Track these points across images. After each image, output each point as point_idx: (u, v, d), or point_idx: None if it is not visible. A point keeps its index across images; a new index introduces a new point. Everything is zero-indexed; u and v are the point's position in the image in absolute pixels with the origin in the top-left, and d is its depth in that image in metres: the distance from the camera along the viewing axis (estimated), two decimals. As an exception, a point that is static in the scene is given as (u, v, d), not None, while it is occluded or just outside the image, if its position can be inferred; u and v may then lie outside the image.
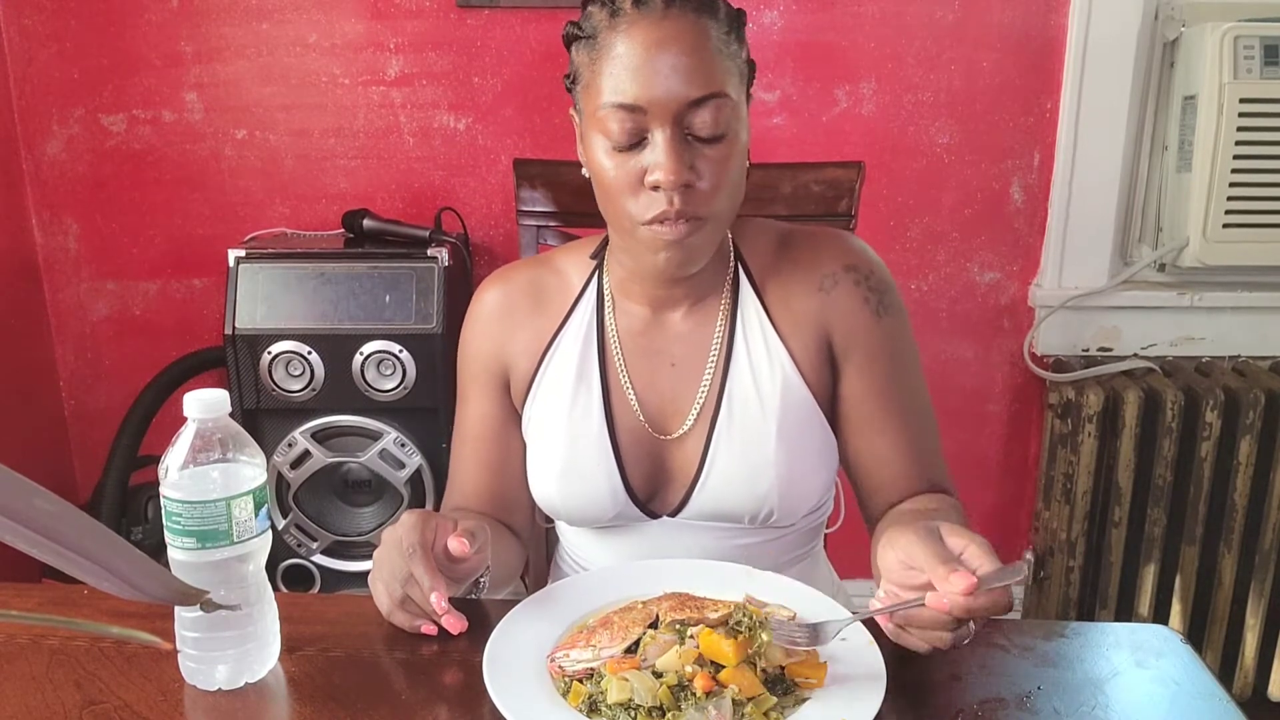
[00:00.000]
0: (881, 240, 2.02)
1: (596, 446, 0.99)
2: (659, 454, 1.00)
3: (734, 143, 0.88)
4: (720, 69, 0.86)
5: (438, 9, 1.92)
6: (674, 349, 1.00)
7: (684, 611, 0.79)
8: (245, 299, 1.72)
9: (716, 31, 0.87)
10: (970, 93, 1.95)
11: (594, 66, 0.88)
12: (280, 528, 1.80)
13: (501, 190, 2.01)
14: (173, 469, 0.74)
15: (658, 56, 0.84)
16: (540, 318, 1.03)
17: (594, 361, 1.01)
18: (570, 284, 1.04)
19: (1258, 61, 1.76)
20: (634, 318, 1.01)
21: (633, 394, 1.00)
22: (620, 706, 0.70)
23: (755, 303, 0.99)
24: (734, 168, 0.89)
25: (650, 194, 0.87)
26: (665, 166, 0.85)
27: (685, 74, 0.84)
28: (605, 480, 0.99)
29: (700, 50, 0.85)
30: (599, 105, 0.87)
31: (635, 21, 0.85)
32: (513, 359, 1.04)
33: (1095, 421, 1.90)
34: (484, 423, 1.06)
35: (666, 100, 0.84)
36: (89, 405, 2.15)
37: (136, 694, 0.75)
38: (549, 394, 1.02)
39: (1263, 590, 1.92)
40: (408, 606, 0.82)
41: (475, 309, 1.06)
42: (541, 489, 1.02)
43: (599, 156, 0.89)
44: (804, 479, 0.98)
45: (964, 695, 0.75)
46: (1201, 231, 1.84)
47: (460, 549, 0.80)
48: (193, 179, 2.02)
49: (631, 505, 1.00)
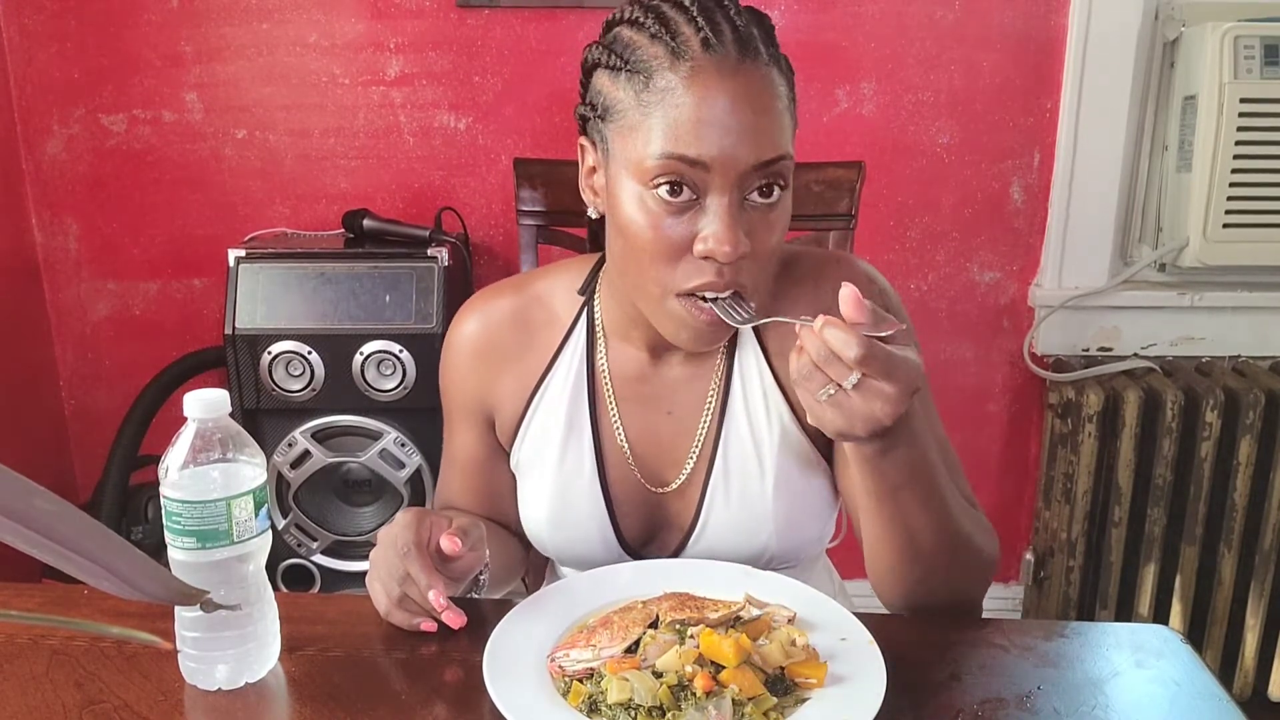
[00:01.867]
0: (881, 240, 2.02)
1: (588, 497, 0.95)
2: (653, 505, 0.97)
3: (786, 208, 0.82)
4: (786, 128, 0.80)
5: (438, 9, 1.92)
6: (671, 396, 0.95)
7: (684, 611, 0.79)
8: (245, 299, 1.72)
9: (783, 86, 0.81)
10: (970, 93, 1.95)
11: (643, 109, 0.78)
12: (280, 528, 1.80)
13: (501, 190, 2.01)
14: (173, 469, 0.74)
15: (730, 111, 0.76)
16: (525, 357, 0.97)
17: (584, 408, 0.95)
18: (557, 319, 0.97)
19: (1258, 61, 1.76)
20: (629, 361, 0.95)
21: (626, 443, 0.95)
22: (620, 706, 0.70)
23: (755, 348, 0.94)
24: (782, 235, 0.83)
25: (695, 261, 0.79)
26: (723, 237, 0.77)
27: (756, 134, 0.77)
28: (597, 531, 0.96)
29: (772, 109, 0.78)
30: (648, 153, 0.78)
31: (704, 68, 0.77)
32: (498, 401, 0.99)
33: (1095, 421, 1.90)
34: (470, 455, 1.03)
35: (733, 160, 0.76)
36: (89, 405, 2.15)
37: (136, 694, 0.75)
38: (537, 440, 0.97)
39: (1263, 590, 1.92)
40: (406, 605, 0.82)
41: (455, 340, 1.00)
42: (533, 531, 1.00)
43: (633, 210, 0.80)
44: (803, 526, 0.96)
45: (964, 695, 0.75)
46: (1201, 231, 1.84)
47: (451, 547, 0.80)
48: (193, 179, 2.02)
49: (624, 555, 0.97)
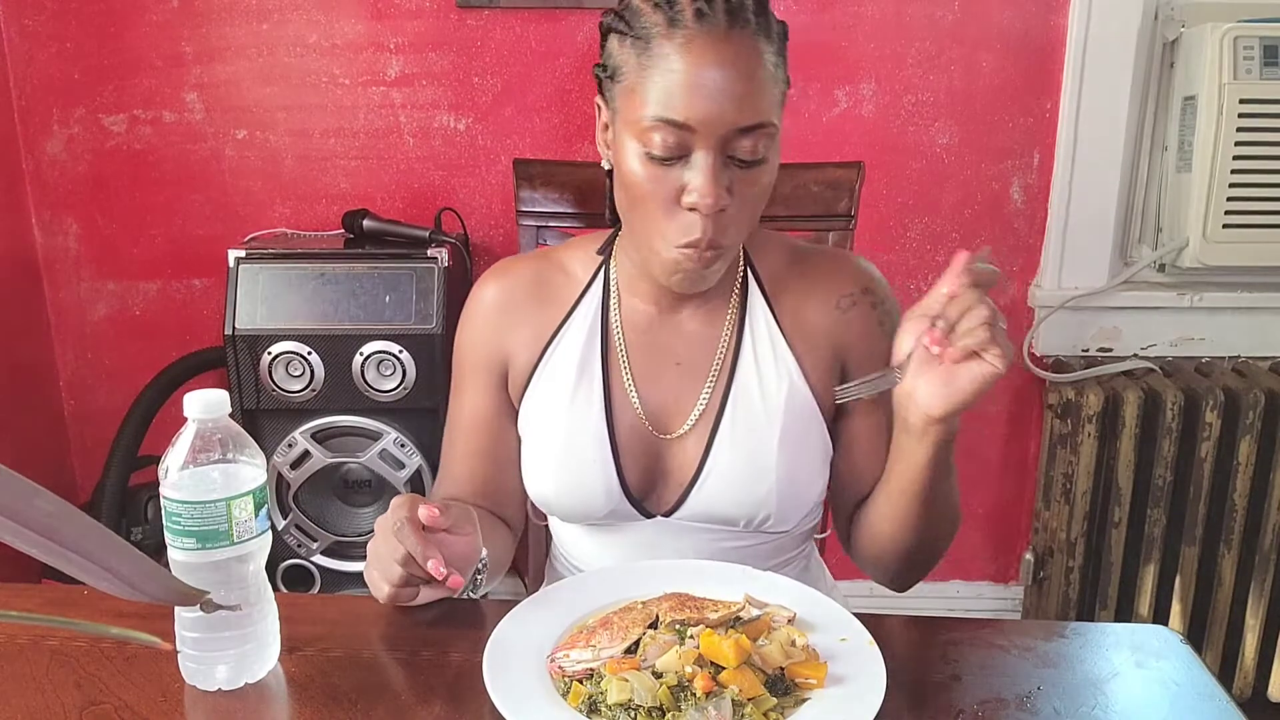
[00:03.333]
0: (881, 240, 2.02)
1: (594, 441, 0.99)
2: (657, 452, 1.00)
3: (769, 169, 0.88)
4: (770, 96, 0.85)
5: (438, 9, 1.92)
6: (679, 348, 1.00)
7: (684, 612, 0.79)
8: (245, 299, 1.72)
9: (770, 56, 0.85)
10: (970, 93, 1.95)
11: (642, 72, 0.85)
12: (280, 528, 1.80)
13: (501, 190, 2.01)
14: (173, 469, 0.74)
15: (715, 77, 0.82)
16: (543, 312, 1.02)
17: (597, 356, 1.00)
18: (575, 278, 1.03)
19: (1257, 62, 1.76)
20: (640, 314, 1.01)
21: (634, 391, 1.00)
22: (620, 707, 0.70)
23: (765, 310, 0.99)
24: (764, 192, 0.89)
25: (683, 215, 0.86)
26: (705, 190, 0.84)
27: (739, 99, 0.83)
28: (601, 475, 0.99)
29: (755, 76, 0.84)
30: (643, 114, 0.85)
31: (695, 36, 0.83)
32: (512, 352, 1.03)
33: (1095, 422, 1.90)
34: (478, 414, 1.05)
35: (717, 123, 0.83)
36: (89, 405, 2.15)
37: (136, 694, 0.75)
38: (549, 386, 1.01)
39: (1263, 590, 1.92)
40: (409, 584, 0.83)
41: (474, 302, 1.06)
42: (536, 482, 1.02)
43: (631, 162, 0.87)
44: (803, 485, 0.98)
45: (964, 695, 0.75)
46: (1201, 232, 1.84)
47: (429, 514, 0.81)
48: (193, 179, 2.02)
49: (626, 503, 1.00)
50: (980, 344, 0.77)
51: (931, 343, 0.78)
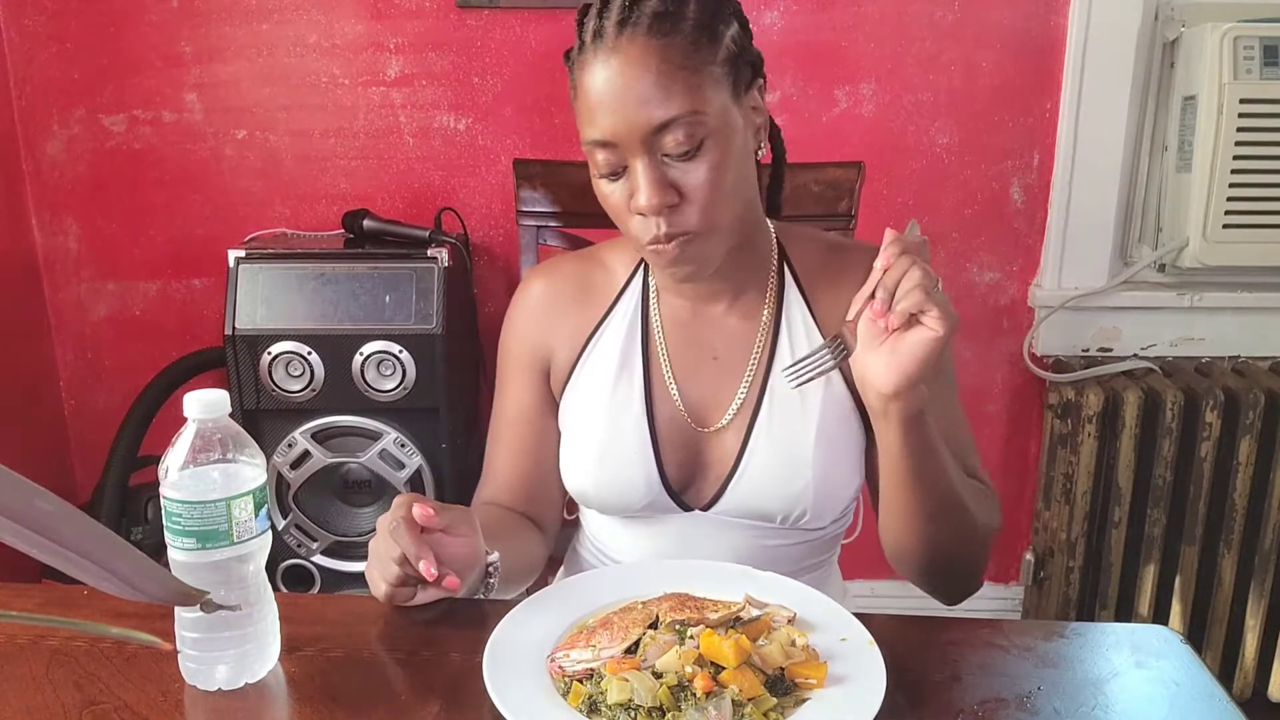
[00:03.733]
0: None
1: (635, 432, 1.00)
2: (696, 445, 1.01)
3: (715, 152, 0.88)
4: (683, 86, 0.85)
5: (438, 9, 1.92)
6: (717, 342, 1.02)
7: (684, 612, 0.79)
8: (245, 299, 1.72)
9: (677, 48, 0.85)
10: (970, 93, 1.95)
11: (575, 101, 0.90)
12: (280, 528, 1.80)
13: (501, 190, 2.01)
14: (173, 469, 0.74)
15: (615, 88, 0.85)
16: (585, 308, 1.05)
17: (637, 350, 1.02)
18: (616, 276, 1.06)
19: (1257, 62, 1.76)
20: (678, 309, 1.03)
21: (674, 384, 1.01)
22: (620, 707, 0.70)
23: (801, 304, 1.01)
24: (720, 178, 0.88)
25: (640, 218, 0.89)
26: (643, 193, 0.87)
27: (642, 100, 0.85)
28: (641, 467, 0.99)
29: (657, 71, 0.84)
30: (583, 140, 0.90)
31: (594, 55, 0.86)
32: (555, 346, 1.05)
33: (1095, 422, 1.90)
34: (521, 409, 1.07)
35: (630, 130, 0.85)
36: (89, 405, 2.15)
37: (136, 694, 0.75)
38: (590, 380, 1.03)
39: (1263, 590, 1.92)
40: (406, 583, 0.83)
41: (521, 298, 1.08)
42: (576, 475, 1.03)
43: (594, 180, 0.92)
44: (839, 480, 0.99)
45: (964, 696, 0.75)
46: (1201, 232, 1.84)
47: (422, 512, 0.82)
48: (193, 179, 2.02)
49: (665, 495, 1.00)
50: (916, 305, 0.78)
51: (875, 315, 0.81)
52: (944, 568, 0.95)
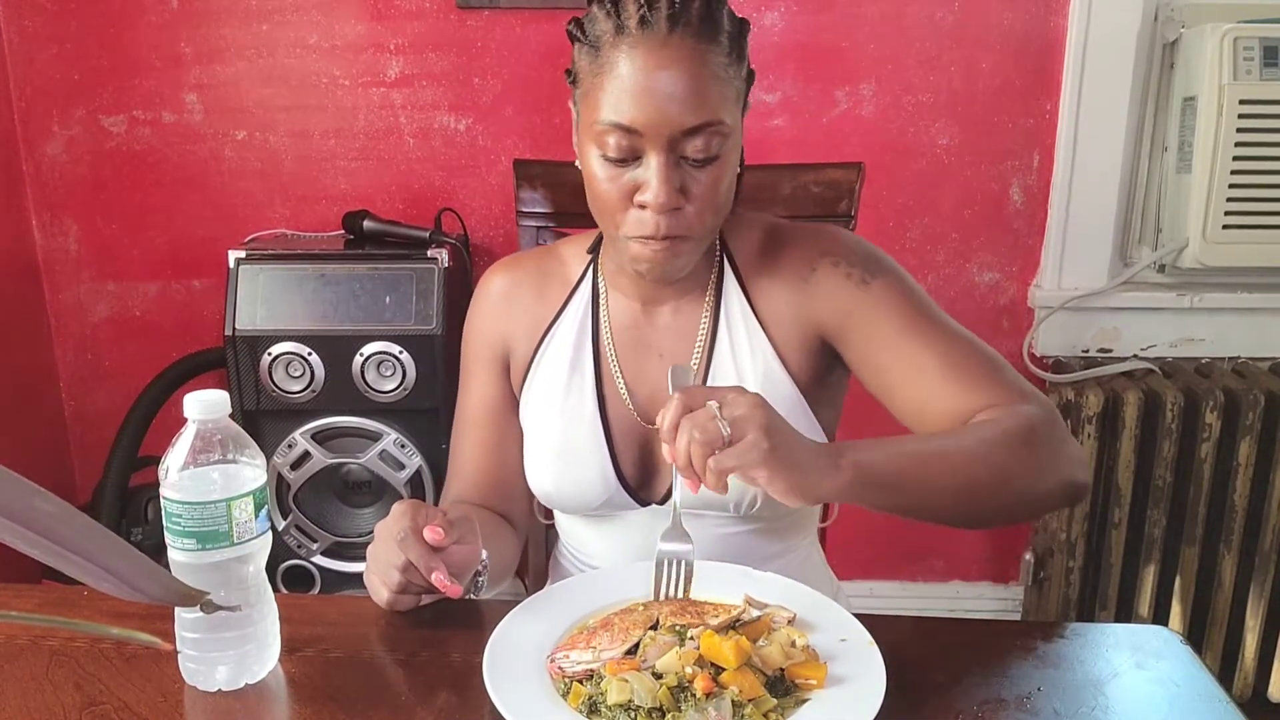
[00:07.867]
0: (881, 241, 1.99)
1: (589, 432, 1.01)
2: (648, 442, 1.02)
3: (724, 165, 0.89)
4: (717, 96, 0.87)
5: (438, 10, 1.92)
6: (661, 341, 1.03)
7: (684, 617, 0.79)
8: (245, 300, 1.72)
9: (717, 57, 0.87)
10: (970, 93, 1.95)
11: (594, 79, 0.88)
12: (280, 529, 1.80)
13: (501, 191, 2.01)
14: (173, 470, 0.74)
15: (657, 82, 0.85)
16: (541, 304, 1.06)
17: (588, 350, 1.03)
18: (570, 273, 1.07)
19: (1257, 63, 1.76)
20: (624, 308, 1.04)
21: (623, 383, 1.02)
22: (620, 708, 0.70)
23: (739, 295, 1.01)
24: (722, 189, 0.90)
25: (638, 211, 0.89)
26: (655, 191, 0.87)
27: (682, 101, 0.85)
28: (597, 466, 1.01)
29: (699, 77, 0.85)
30: (597, 119, 0.88)
31: (638, 42, 0.85)
32: (514, 341, 1.06)
33: (1095, 422, 1.90)
34: (485, 405, 1.08)
35: (661, 126, 0.85)
36: (89, 406, 2.15)
37: (136, 695, 0.75)
38: (545, 379, 1.04)
39: (1263, 591, 1.92)
40: (409, 590, 0.83)
41: (482, 291, 1.09)
42: (536, 475, 1.04)
43: (591, 163, 0.91)
44: None
45: (964, 696, 0.75)
46: (1201, 232, 1.84)
47: (434, 537, 0.81)
48: (193, 180, 2.02)
49: (622, 491, 1.01)
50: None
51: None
52: (1006, 514, 0.91)
